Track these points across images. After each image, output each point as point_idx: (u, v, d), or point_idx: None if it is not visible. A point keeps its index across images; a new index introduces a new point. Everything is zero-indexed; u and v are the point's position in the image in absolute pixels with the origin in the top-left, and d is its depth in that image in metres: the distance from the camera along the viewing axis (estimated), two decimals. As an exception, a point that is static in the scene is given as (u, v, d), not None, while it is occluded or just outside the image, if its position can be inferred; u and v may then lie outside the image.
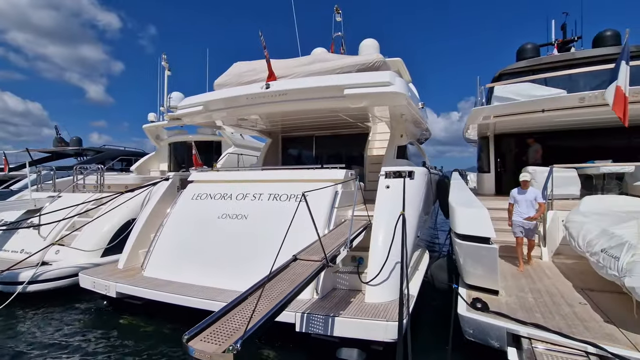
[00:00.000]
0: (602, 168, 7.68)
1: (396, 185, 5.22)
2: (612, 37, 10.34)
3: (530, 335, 3.42)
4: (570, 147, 9.66)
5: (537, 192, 5.52)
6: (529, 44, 11.36)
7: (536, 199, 5.41)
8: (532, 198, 5.41)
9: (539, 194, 5.50)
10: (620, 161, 7.80)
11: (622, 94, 6.43)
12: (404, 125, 8.98)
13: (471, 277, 4.64)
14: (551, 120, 8.49)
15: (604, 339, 3.22)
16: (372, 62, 6.40)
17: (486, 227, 4.35)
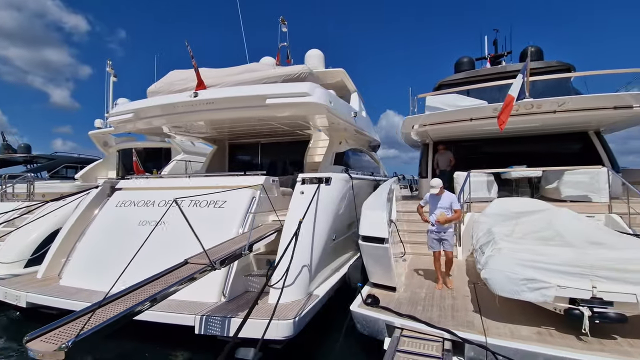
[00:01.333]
0: (513, 173, 8.34)
1: (309, 191, 5.50)
2: (535, 53, 11.28)
3: (402, 325, 3.75)
4: (494, 153, 10.42)
5: (452, 198, 5.01)
6: (465, 57, 12.17)
7: (452, 205, 4.92)
8: (447, 204, 4.93)
9: (455, 200, 5.02)
10: (535, 166, 8.55)
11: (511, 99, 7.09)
12: (343, 133, 9.37)
13: (373, 275, 4.96)
14: (476, 128, 9.12)
15: (461, 326, 3.59)
16: (298, 73, 6.70)
17: (381, 228, 4.71)
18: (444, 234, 4.95)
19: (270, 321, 3.54)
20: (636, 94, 7.34)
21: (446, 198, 4.98)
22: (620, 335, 3.26)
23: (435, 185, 4.97)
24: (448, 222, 4.88)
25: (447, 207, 4.91)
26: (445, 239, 4.94)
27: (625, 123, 8.93)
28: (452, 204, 4.92)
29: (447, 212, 4.89)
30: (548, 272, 3.37)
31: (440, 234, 4.96)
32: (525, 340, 3.23)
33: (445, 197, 4.99)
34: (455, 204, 4.95)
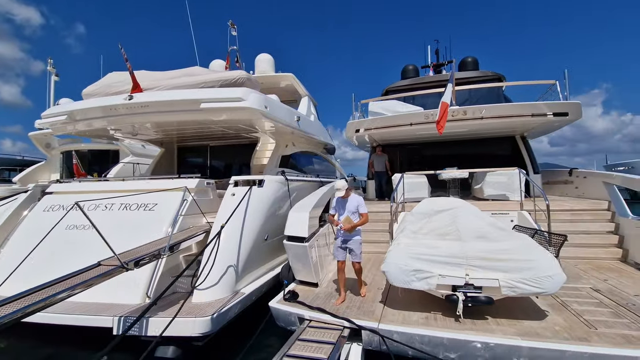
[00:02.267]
0: (444, 174, 8.99)
1: (240, 194, 5.69)
2: (472, 63, 12.18)
3: (310, 317, 4.05)
4: (434, 156, 11.14)
5: (359, 201, 4.61)
6: (411, 65, 12.88)
7: (358, 209, 4.55)
8: (353, 207, 4.55)
9: (362, 203, 4.61)
10: (468, 167, 9.24)
11: (446, 105, 7.71)
12: (289, 136, 9.63)
13: (297, 272, 5.24)
14: (415, 133, 9.70)
15: (363, 315, 3.94)
16: (235, 78, 6.88)
17: (302, 228, 5.01)
18: (350, 242, 4.53)
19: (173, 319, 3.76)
20: (549, 103, 8.19)
21: (353, 201, 4.59)
22: (490, 316, 3.74)
23: (340, 187, 4.58)
24: (354, 227, 4.46)
25: (354, 211, 4.54)
26: (351, 249, 4.53)
27: (544, 129, 9.88)
28: (359, 207, 4.54)
29: (355, 217, 4.51)
30: (432, 263, 3.80)
31: (346, 242, 4.54)
32: (411, 325, 3.63)
33: (352, 200, 4.59)
34: (362, 208, 4.55)
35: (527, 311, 3.84)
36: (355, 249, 4.54)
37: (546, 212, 6.11)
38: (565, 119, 8.10)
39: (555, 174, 10.31)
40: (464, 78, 11.81)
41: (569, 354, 2.97)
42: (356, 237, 4.57)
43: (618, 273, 5.28)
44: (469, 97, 11.29)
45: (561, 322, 3.56)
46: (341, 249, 4.59)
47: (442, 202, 6.48)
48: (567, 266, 5.74)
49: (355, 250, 4.54)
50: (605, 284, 4.74)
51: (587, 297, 4.26)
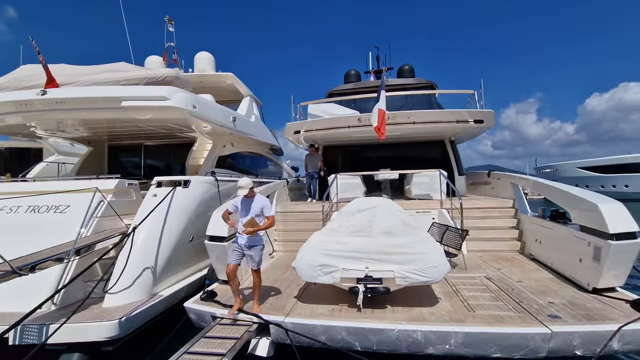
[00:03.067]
0: (379, 175, 9.50)
1: (162, 195, 5.59)
2: (408, 70, 12.95)
3: (222, 315, 4.11)
4: (372, 158, 11.68)
5: (264, 202, 4.26)
6: (353, 70, 13.38)
7: (263, 211, 4.20)
8: (258, 210, 4.19)
9: (267, 205, 4.26)
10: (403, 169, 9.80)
11: (383, 112, 8.16)
12: (227, 136, 9.56)
13: (219, 272, 5.27)
14: (352, 135, 10.10)
15: (273, 310, 4.09)
16: (162, 76, 6.72)
17: (222, 228, 5.05)
18: (249, 249, 4.13)
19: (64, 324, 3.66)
20: (470, 111, 8.97)
21: (258, 202, 4.24)
22: (390, 305, 4.07)
23: (243, 185, 4.17)
24: (255, 231, 4.08)
25: (258, 214, 4.19)
26: (251, 255, 4.14)
27: (467, 134, 10.80)
28: (264, 209, 4.20)
29: (259, 220, 4.17)
30: (337, 258, 4.06)
31: (245, 248, 4.14)
32: (317, 317, 3.84)
33: (258, 201, 4.24)
34: (268, 210, 4.23)
35: (422, 299, 4.22)
36: (254, 255, 4.16)
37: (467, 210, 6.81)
38: (482, 125, 8.94)
39: (478, 175, 11.30)
40: (400, 84, 12.54)
41: (443, 333, 3.34)
42: (257, 247, 4.19)
43: (512, 263, 5.95)
44: (405, 102, 11.98)
45: (448, 307, 3.98)
46: (237, 252, 4.20)
47: (368, 201, 6.85)
48: (473, 258, 6.37)
49: (254, 257, 4.16)
50: (497, 273, 5.34)
51: (478, 285, 4.78)
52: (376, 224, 5.04)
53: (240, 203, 4.37)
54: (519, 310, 3.80)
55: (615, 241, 4.01)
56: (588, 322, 3.43)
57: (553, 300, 4.07)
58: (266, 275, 5.78)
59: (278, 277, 5.55)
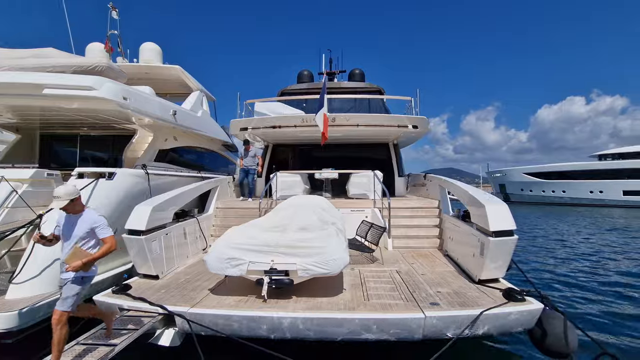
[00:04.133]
0: (321, 174, 9.82)
1: (81, 186, 5.47)
2: (359, 74, 13.42)
3: (129, 306, 4.16)
4: (320, 157, 12.00)
5: (95, 220, 3.16)
6: (306, 70, 13.63)
7: (96, 232, 3.15)
8: (83, 232, 3.11)
9: (101, 223, 3.17)
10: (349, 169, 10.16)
11: (327, 119, 8.47)
12: (170, 130, 9.43)
13: (137, 266, 5.28)
14: (298, 135, 10.34)
15: (182, 302, 4.19)
16: (92, 65, 6.54)
17: (140, 221, 5.07)
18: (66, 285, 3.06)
19: None
20: (408, 117, 9.50)
21: (85, 221, 3.14)
22: (296, 295, 4.33)
23: (60, 195, 3.03)
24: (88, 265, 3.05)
25: (85, 237, 3.14)
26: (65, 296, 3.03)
27: (410, 139, 11.41)
28: (96, 229, 3.15)
29: (89, 245, 3.14)
30: (246, 252, 4.25)
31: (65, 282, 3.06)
32: (220, 307, 4.00)
33: (84, 220, 3.15)
34: (102, 230, 3.16)
35: (328, 290, 4.53)
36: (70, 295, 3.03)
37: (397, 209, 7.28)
38: (418, 130, 9.52)
39: (417, 177, 11.99)
40: (351, 88, 12.98)
41: (331, 320, 3.64)
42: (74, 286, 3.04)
43: (427, 258, 6.46)
44: (355, 105, 12.45)
45: (348, 297, 4.30)
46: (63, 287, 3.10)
47: (299, 199, 7.13)
48: (395, 253, 6.83)
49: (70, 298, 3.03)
50: (409, 267, 5.79)
51: (386, 277, 5.17)
52: (296, 220, 5.30)
53: (63, 223, 3.20)
54: (408, 299, 4.20)
55: (494, 238, 4.55)
56: (459, 308, 3.88)
57: (441, 290, 4.53)
58: (192, 269, 5.88)
59: (202, 270, 5.65)
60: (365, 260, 6.27)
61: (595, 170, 38.75)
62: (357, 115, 9.10)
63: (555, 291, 7.29)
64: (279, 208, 6.58)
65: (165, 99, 9.88)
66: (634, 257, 10.58)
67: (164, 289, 4.74)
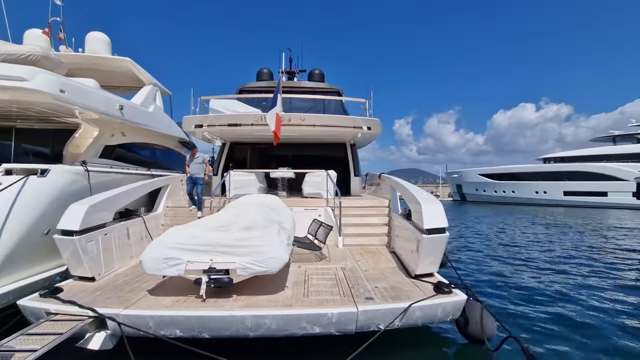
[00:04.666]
0: (276, 173, 9.85)
1: (7, 183, 5.12)
2: (318, 75, 13.57)
3: (57, 310, 3.97)
4: (278, 156, 12.04)
5: None
6: (265, 68, 13.56)
7: None
8: None
9: None
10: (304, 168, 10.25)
11: (280, 118, 8.48)
12: (117, 125, 9.01)
13: (71, 268, 5.03)
14: (254, 133, 10.27)
15: (116, 304, 4.07)
16: (25, 54, 6.12)
17: (73, 221, 4.85)
18: None
19: None
20: (364, 119, 9.75)
21: None
22: (237, 294, 4.36)
23: None
24: None
25: None
26: None
27: (366, 139, 11.73)
28: None
29: None
30: (184, 251, 4.21)
31: None
32: (155, 308, 3.94)
33: None
34: None
35: (270, 288, 4.60)
36: None
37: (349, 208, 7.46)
38: (371, 132, 9.83)
39: (373, 177, 12.37)
40: (310, 87, 13.10)
41: (265, 316, 3.72)
42: None
43: (374, 255, 6.72)
44: (314, 104, 12.58)
45: (288, 294, 4.40)
46: None
47: (250, 198, 7.13)
48: (344, 251, 7.04)
49: None
50: (354, 264, 6.00)
51: (330, 274, 5.33)
52: (242, 219, 5.30)
53: None
54: (346, 295, 4.37)
55: (427, 235, 4.85)
56: (391, 302, 4.12)
57: (379, 285, 4.76)
58: (134, 270, 5.69)
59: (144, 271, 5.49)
60: (314, 258, 6.41)
61: (540, 172, 42.00)
62: (313, 116, 9.21)
63: (484, 282, 7.86)
64: (229, 207, 6.55)
65: (115, 93, 9.43)
66: (551, 249, 11.64)
67: (99, 291, 4.57)
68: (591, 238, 14.83)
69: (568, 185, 39.11)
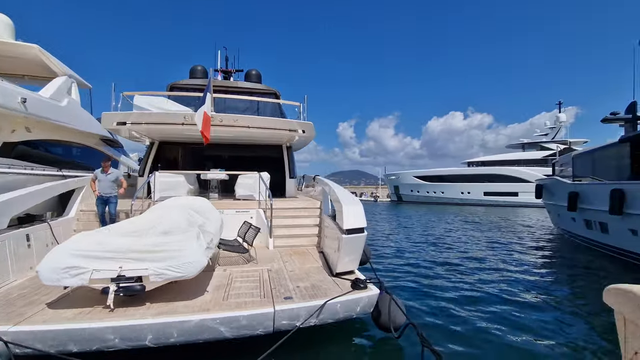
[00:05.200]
0: (207, 175, 9.58)
1: None
2: (255, 75, 13.46)
3: None
4: (213, 157, 11.71)
5: None
6: (199, 66, 13.06)
7: None
8: None
9: None
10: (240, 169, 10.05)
11: (208, 117, 8.22)
12: (22, 120, 8.01)
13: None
14: (184, 133, 9.84)
15: (6, 320, 3.65)
16: None
17: None
18: None
19: None
20: (299, 122, 9.88)
21: None
22: (150, 302, 4.17)
23: None
24: None
25: None
26: None
27: (302, 142, 11.92)
28: None
29: None
30: (89, 259, 3.92)
31: None
32: (52, 322, 3.61)
33: None
34: None
35: (189, 293, 4.48)
36: None
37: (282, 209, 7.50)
38: (305, 135, 10.03)
39: (309, 179, 12.63)
40: (247, 88, 12.94)
41: (174, 323, 3.63)
42: None
43: (302, 256, 6.88)
44: (250, 105, 12.44)
45: (207, 299, 4.33)
46: None
47: (174, 201, 6.83)
48: (274, 252, 7.09)
49: None
50: (281, 265, 6.09)
51: (254, 276, 5.35)
52: (162, 223, 5.08)
53: None
54: (266, 296, 4.44)
55: (346, 235, 5.13)
56: (308, 300, 4.28)
57: (301, 285, 4.91)
58: (34, 281, 5.11)
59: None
60: (242, 261, 6.37)
61: (465, 174, 46.38)
62: (247, 117, 9.12)
63: (405, 274, 8.52)
64: (151, 210, 6.22)
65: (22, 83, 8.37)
66: (466, 244, 13.06)
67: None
68: (499, 233, 16.82)
69: (487, 186, 43.72)
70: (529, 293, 7.25)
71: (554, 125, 48.12)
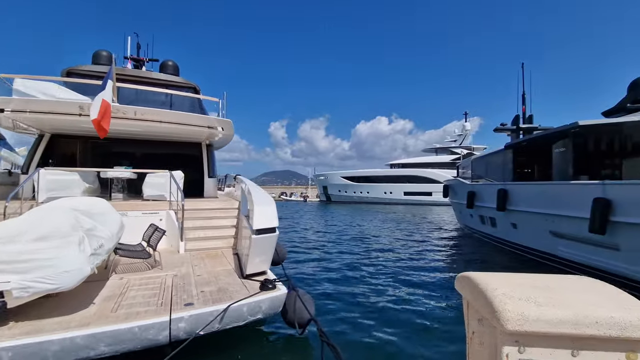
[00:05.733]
0: (108, 173, 8.63)
1: None
2: (172, 67, 12.54)
3: None
4: (119, 153, 10.58)
5: None
6: (105, 51, 11.68)
7: None
8: None
9: None
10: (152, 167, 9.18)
11: (108, 106, 7.33)
12: None
13: None
14: (82, 125, 8.69)
15: None
16: None
17: None
18: None
19: None
20: (218, 119, 9.40)
21: None
22: (15, 320, 3.54)
23: None
24: None
25: None
26: None
27: (222, 141, 11.44)
28: None
29: None
30: None
31: None
32: None
33: None
34: None
35: (70, 307, 3.92)
36: None
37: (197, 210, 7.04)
38: (225, 133, 9.64)
39: (231, 179, 12.19)
40: (162, 80, 11.97)
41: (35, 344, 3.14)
42: None
43: (214, 259, 6.56)
44: (166, 100, 11.51)
45: (91, 312, 3.84)
46: None
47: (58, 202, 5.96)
48: (184, 256, 6.65)
49: None
50: (189, 269, 5.72)
51: (155, 284, 4.92)
52: (37, 228, 4.34)
53: None
54: (164, 304, 4.11)
55: (257, 235, 5.04)
56: (211, 305, 4.08)
57: (206, 289, 4.67)
58: None
59: None
60: (144, 267, 5.83)
61: (388, 176, 49.71)
62: (155, 111, 8.38)
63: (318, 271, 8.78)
64: (29, 212, 5.31)
65: None
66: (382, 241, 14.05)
67: None
68: (411, 228, 18.38)
69: (407, 187, 47.48)
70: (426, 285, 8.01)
71: (461, 132, 54.29)
